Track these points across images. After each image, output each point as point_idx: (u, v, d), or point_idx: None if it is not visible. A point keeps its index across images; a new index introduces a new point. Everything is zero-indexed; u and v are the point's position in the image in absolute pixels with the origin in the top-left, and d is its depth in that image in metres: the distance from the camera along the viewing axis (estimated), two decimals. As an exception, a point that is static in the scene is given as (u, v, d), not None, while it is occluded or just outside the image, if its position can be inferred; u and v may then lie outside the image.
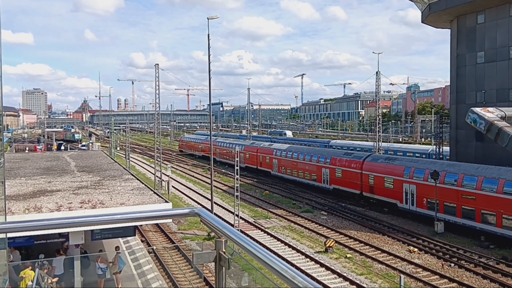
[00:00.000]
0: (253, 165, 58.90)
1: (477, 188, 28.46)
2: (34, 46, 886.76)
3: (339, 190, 42.43)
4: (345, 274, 22.89)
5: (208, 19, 34.35)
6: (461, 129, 36.85)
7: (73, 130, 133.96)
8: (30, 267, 12.05)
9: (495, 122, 27.65)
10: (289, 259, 24.72)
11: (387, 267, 23.94)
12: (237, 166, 32.72)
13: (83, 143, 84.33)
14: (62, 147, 73.37)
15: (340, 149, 56.21)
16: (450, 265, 24.19)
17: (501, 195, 26.92)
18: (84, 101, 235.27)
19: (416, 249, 26.71)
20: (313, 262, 24.93)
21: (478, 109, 29.48)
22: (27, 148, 71.50)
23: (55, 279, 12.87)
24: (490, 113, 28.70)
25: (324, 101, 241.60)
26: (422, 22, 41.57)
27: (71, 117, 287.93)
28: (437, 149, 46.64)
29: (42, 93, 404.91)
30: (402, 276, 20.35)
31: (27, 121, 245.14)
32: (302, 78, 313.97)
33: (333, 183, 43.27)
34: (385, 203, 36.87)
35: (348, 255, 25.78)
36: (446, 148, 44.22)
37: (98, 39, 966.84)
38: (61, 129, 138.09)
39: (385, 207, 36.74)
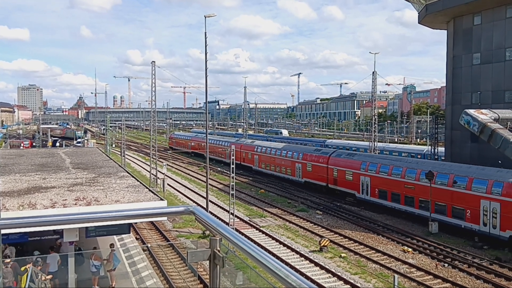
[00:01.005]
0: (237, 160, 59.84)
1: (416, 179, 33.18)
2: (29, 42, 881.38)
3: (309, 183, 46.62)
4: (339, 274, 22.95)
5: (205, 17, 34.33)
6: (456, 130, 36.98)
7: (68, 126, 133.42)
8: (31, 264, 11.97)
9: (488, 124, 27.71)
10: (283, 258, 24.75)
11: (381, 267, 24.02)
12: (232, 164, 32.63)
13: (79, 140, 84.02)
14: (57, 144, 73.12)
15: (336, 148, 56.27)
16: (444, 265, 24.30)
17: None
18: (79, 97, 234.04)
19: (410, 249, 26.81)
20: (308, 261, 24.97)
21: (471, 111, 29.55)
22: (22, 145, 71.36)
23: (49, 277, 12.80)
24: (484, 115, 28.75)
25: (321, 100, 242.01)
26: (418, 23, 41.65)
27: (67, 113, 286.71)
28: (432, 150, 46.79)
29: (37, 89, 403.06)
30: (396, 276, 20.40)
31: (22, 117, 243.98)
32: (298, 77, 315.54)
33: (304, 177, 47.43)
34: (346, 194, 41.03)
35: (343, 255, 25.84)
36: (442, 149, 44.41)
37: (94, 36, 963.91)
38: (57, 126, 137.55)
39: (346, 197, 40.77)
